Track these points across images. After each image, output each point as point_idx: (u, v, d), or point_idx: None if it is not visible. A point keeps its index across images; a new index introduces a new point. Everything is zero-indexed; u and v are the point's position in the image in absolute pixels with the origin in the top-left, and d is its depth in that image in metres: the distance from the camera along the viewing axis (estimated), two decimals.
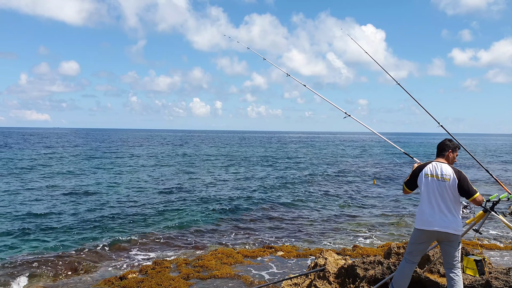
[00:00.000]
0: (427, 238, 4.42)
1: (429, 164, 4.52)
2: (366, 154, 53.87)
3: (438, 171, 4.39)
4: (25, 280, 8.45)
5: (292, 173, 29.56)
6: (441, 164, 4.46)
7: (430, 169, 4.45)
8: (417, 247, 4.49)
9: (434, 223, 4.30)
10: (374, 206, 17.12)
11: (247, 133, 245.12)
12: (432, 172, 4.42)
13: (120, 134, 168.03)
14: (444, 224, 4.27)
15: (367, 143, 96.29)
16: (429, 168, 4.47)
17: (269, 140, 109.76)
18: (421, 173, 4.50)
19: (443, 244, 4.40)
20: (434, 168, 4.44)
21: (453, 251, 4.34)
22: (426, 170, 4.47)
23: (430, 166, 4.48)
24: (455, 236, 4.30)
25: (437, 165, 4.46)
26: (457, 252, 4.36)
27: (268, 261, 8.81)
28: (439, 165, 4.44)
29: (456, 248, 4.35)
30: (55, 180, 23.55)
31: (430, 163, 4.52)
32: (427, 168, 4.48)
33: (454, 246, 4.34)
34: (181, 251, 10.66)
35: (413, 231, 4.54)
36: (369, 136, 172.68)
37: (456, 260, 4.36)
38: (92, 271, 9.02)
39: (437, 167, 4.43)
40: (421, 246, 4.49)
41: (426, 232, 4.36)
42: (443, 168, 4.40)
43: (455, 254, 4.35)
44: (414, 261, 4.54)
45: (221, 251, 9.56)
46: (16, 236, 11.85)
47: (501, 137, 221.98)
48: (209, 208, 16.23)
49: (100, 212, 15.02)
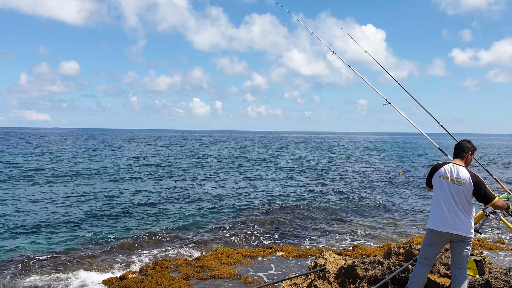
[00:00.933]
0: (440, 239, 4.41)
1: (446, 165, 4.42)
2: (367, 155, 53.86)
3: (454, 174, 4.32)
4: (21, 277, 8.45)
5: (292, 173, 29.55)
6: (458, 166, 4.37)
7: (447, 170, 4.37)
8: (431, 249, 4.48)
9: (447, 225, 4.29)
10: (374, 206, 17.10)
11: (247, 133, 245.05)
12: (448, 174, 4.34)
13: (120, 134, 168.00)
14: (457, 227, 4.27)
15: (367, 144, 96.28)
16: (445, 169, 4.38)
17: (269, 140, 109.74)
18: (436, 173, 4.43)
19: (454, 244, 4.40)
20: (451, 170, 4.35)
21: (463, 251, 4.37)
22: (442, 172, 4.39)
23: (447, 168, 4.39)
24: (467, 238, 4.31)
25: (454, 167, 4.37)
26: (467, 253, 4.38)
27: (268, 261, 8.80)
28: (455, 168, 4.36)
29: (467, 249, 4.37)
30: (54, 180, 23.55)
31: (447, 164, 4.43)
32: (443, 169, 4.40)
33: (466, 247, 4.36)
34: (181, 251, 10.66)
35: (426, 232, 4.54)
36: (370, 136, 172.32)
37: (465, 261, 4.39)
38: (92, 271, 9.02)
39: (454, 170, 4.34)
40: (435, 247, 4.47)
41: (439, 233, 4.36)
42: (459, 171, 4.31)
43: (465, 255, 4.38)
44: (430, 264, 4.54)
45: (221, 251, 9.55)
46: (5, 238, 11.80)
47: (501, 137, 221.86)
48: (209, 208, 16.23)
49: (100, 213, 15.02)
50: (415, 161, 43.91)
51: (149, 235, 12.05)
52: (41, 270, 8.97)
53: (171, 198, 18.36)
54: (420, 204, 17.97)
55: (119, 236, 11.84)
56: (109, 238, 11.65)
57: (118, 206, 16.34)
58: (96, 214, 14.71)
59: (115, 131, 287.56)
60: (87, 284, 8.13)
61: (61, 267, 9.19)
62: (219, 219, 14.45)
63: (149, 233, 12.28)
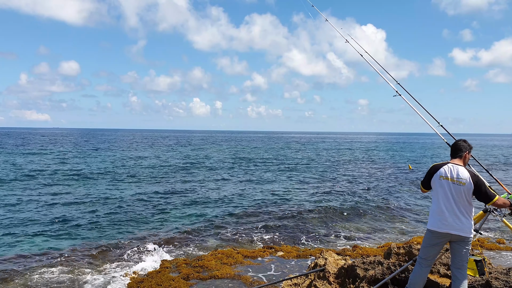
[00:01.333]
0: (440, 240, 4.41)
1: (445, 165, 4.42)
2: (367, 155, 53.85)
3: (454, 174, 4.32)
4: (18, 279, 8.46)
5: (293, 173, 29.56)
6: (458, 166, 4.37)
7: (446, 171, 4.37)
8: (431, 249, 4.47)
9: (447, 226, 4.30)
10: (374, 206, 17.10)
11: (247, 134, 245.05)
12: (448, 175, 4.34)
13: (120, 134, 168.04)
14: (457, 227, 4.27)
15: (367, 144, 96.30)
16: (445, 170, 4.38)
17: (269, 141, 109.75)
18: (435, 174, 4.42)
19: (454, 244, 4.41)
20: (450, 171, 4.35)
21: (463, 252, 4.37)
22: (442, 172, 4.38)
23: (446, 168, 4.38)
24: (467, 238, 4.32)
25: (453, 167, 4.37)
26: (467, 253, 4.39)
27: (268, 261, 8.80)
28: (455, 168, 4.35)
29: (466, 249, 4.37)
30: (54, 181, 23.56)
31: (446, 165, 4.42)
32: (442, 169, 4.39)
33: (465, 247, 4.36)
34: (181, 251, 10.67)
35: (425, 233, 4.54)
36: (370, 136, 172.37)
37: (465, 261, 4.39)
38: (92, 271, 9.02)
39: (453, 170, 4.34)
40: (435, 248, 4.47)
41: (439, 234, 4.36)
42: (459, 171, 4.31)
43: (465, 255, 4.38)
44: (429, 264, 4.54)
45: (221, 251, 9.55)
46: (5, 238, 11.81)
47: (501, 137, 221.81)
48: (209, 208, 16.24)
49: (99, 213, 15.02)
50: (419, 161, 43.91)
51: (149, 235, 12.05)
52: (41, 270, 8.96)
53: (171, 198, 18.37)
54: (421, 204, 17.98)
55: (119, 236, 11.84)
56: (108, 238, 11.65)
57: (118, 206, 16.34)
58: (94, 215, 14.72)
59: (115, 131, 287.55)
60: (86, 284, 8.13)
61: (60, 268, 9.18)
62: (219, 219, 14.45)
63: (149, 233, 12.28)
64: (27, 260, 9.71)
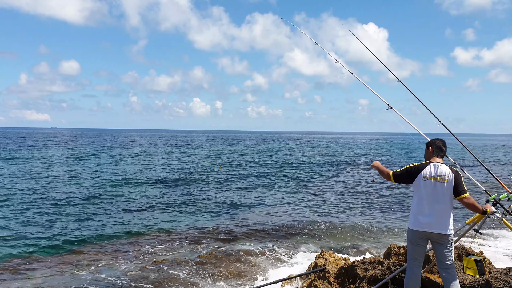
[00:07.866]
0: (421, 239, 4.42)
1: (428, 165, 4.44)
2: (368, 154, 53.87)
3: (438, 172, 4.35)
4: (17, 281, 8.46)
5: (293, 174, 29.56)
6: (440, 165, 4.40)
7: (429, 170, 4.39)
8: (416, 249, 4.47)
9: (427, 224, 4.31)
10: (375, 206, 17.10)
11: (247, 134, 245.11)
12: (432, 174, 4.36)
13: (120, 134, 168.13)
14: (436, 225, 4.28)
15: (367, 144, 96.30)
16: (427, 170, 4.40)
17: (270, 141, 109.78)
18: (419, 175, 4.41)
19: (435, 245, 4.40)
20: (434, 170, 4.37)
21: (445, 251, 4.34)
22: (425, 173, 4.39)
23: (429, 168, 4.41)
24: (447, 236, 4.30)
25: (435, 166, 4.40)
26: (450, 252, 4.35)
27: (268, 261, 8.80)
28: (437, 166, 4.39)
29: (449, 248, 4.34)
30: (55, 181, 23.56)
31: (429, 165, 4.44)
32: (425, 170, 4.40)
33: (447, 246, 4.33)
34: (181, 250, 10.66)
35: (407, 233, 4.53)
36: (371, 136, 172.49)
37: (450, 260, 4.34)
38: (92, 271, 9.02)
39: (437, 169, 4.38)
40: (419, 247, 4.46)
41: (419, 233, 4.37)
42: (442, 170, 4.35)
43: (448, 254, 4.34)
44: (419, 264, 4.53)
45: (221, 251, 9.57)
46: (6, 238, 11.82)
47: (502, 137, 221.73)
48: (209, 208, 16.24)
49: (100, 213, 15.02)
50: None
51: (149, 235, 12.05)
52: (40, 270, 8.96)
53: (171, 198, 18.37)
54: None
55: (118, 236, 11.84)
56: (108, 238, 11.64)
57: (118, 206, 16.35)
58: (94, 214, 14.71)
59: (115, 131, 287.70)
60: (86, 283, 8.12)
61: (61, 267, 9.18)
62: (219, 218, 14.46)
63: (149, 233, 12.28)
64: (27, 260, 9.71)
